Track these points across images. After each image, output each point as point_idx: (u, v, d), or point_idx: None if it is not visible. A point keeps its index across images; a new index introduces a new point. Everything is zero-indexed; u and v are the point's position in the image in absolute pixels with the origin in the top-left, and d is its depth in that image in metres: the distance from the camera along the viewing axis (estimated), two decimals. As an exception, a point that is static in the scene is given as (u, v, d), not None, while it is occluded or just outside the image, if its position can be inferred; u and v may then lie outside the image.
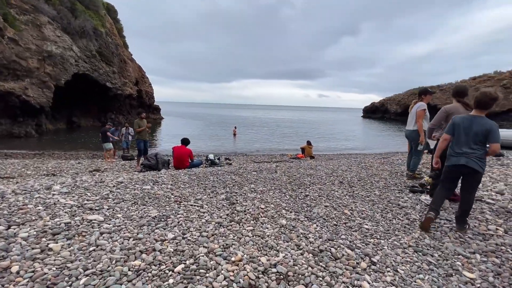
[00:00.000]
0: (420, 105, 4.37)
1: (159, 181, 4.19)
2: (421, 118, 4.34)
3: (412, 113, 4.51)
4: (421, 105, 4.37)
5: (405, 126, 4.77)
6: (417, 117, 4.36)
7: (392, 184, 4.47)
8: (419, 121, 4.35)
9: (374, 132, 32.08)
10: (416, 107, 4.41)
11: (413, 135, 4.51)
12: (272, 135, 24.77)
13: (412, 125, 4.50)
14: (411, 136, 4.58)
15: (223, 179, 4.50)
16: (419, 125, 4.35)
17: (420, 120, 4.34)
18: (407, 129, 4.67)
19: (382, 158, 7.15)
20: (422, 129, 4.35)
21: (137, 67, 38.29)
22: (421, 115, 4.34)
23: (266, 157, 11.72)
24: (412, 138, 4.55)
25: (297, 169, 5.66)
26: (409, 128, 4.57)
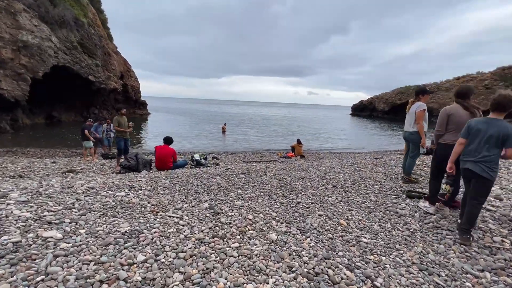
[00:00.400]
0: (419, 106, 4.14)
1: (136, 187, 3.77)
2: (421, 119, 4.11)
3: (410, 114, 4.27)
4: (420, 105, 4.14)
5: (404, 127, 4.54)
6: (417, 118, 4.13)
7: (388, 188, 4.24)
8: (420, 123, 4.11)
9: (363, 130, 32.39)
10: (415, 107, 4.17)
11: (412, 137, 4.29)
12: (262, 133, 24.46)
13: (411, 126, 4.27)
14: (410, 138, 4.35)
15: (208, 183, 4.13)
16: (420, 127, 4.12)
17: (420, 121, 4.11)
18: (405, 130, 4.44)
19: (374, 159, 6.96)
20: (423, 131, 4.13)
21: (122, 60, 36.87)
22: (421, 116, 4.10)
23: (256, 156, 11.39)
24: (412, 140, 4.32)
25: (288, 171, 5.36)
26: (408, 129, 4.34)
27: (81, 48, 24.49)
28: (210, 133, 21.62)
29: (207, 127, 26.77)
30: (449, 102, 37.18)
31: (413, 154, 4.37)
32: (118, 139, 6.77)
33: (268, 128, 28.71)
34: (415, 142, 4.26)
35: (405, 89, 63.68)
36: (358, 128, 34.72)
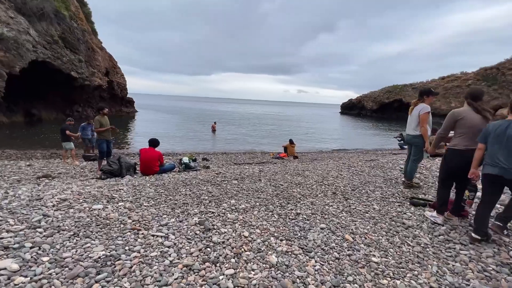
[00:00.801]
0: (423, 108, 3.90)
1: (116, 197, 3.35)
2: (425, 123, 3.88)
3: (413, 116, 4.04)
4: (424, 107, 3.90)
5: (406, 129, 4.32)
6: (421, 121, 3.90)
7: (390, 195, 4.01)
8: (424, 126, 3.89)
9: (353, 130, 32.64)
10: (419, 109, 3.93)
11: (415, 141, 4.06)
12: (253, 132, 24.11)
13: (414, 129, 4.04)
14: (412, 141, 4.13)
15: (198, 191, 3.76)
16: (424, 131, 3.89)
17: (424, 124, 3.89)
18: (408, 133, 4.22)
19: (370, 161, 6.76)
20: (427, 135, 3.91)
21: (108, 56, 35.52)
22: (425, 119, 3.88)
23: (247, 157, 11.05)
24: (415, 144, 4.10)
25: (283, 175, 5.05)
26: (411, 132, 4.11)
27: (63, 42, 23.30)
28: (200, 132, 21.09)
29: (197, 126, 26.17)
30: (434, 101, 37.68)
31: (415, 158, 4.15)
32: (100, 141, 6.26)
33: (259, 127, 28.40)
34: (418, 145, 4.04)
35: (393, 88, 64.89)
36: (348, 128, 34.98)
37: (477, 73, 58.12)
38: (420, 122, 3.91)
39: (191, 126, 25.38)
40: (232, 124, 29.84)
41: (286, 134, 22.89)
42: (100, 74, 30.15)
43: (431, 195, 4.03)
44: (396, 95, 61.89)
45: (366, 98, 68.15)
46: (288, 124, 33.30)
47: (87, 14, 32.84)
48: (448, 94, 56.38)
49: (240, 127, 27.18)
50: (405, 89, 62.47)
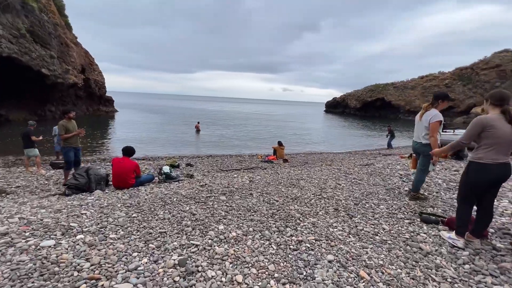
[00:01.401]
0: (435, 115, 3.49)
1: (75, 227, 2.69)
2: (436, 132, 3.50)
3: (422, 122, 3.64)
4: (436, 115, 3.50)
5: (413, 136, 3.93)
6: (431, 130, 3.50)
7: (396, 209, 3.61)
8: (434, 136, 3.50)
9: (340, 129, 32.86)
10: (430, 116, 3.52)
11: (424, 149, 3.68)
12: (240, 132, 23.50)
13: (423, 137, 3.65)
14: (421, 150, 3.74)
15: (179, 213, 3.16)
16: (434, 141, 3.50)
17: (435, 134, 3.50)
18: (415, 141, 3.83)
19: (366, 166, 6.41)
20: (437, 146, 3.53)
21: (84, 52, 33.52)
22: (436, 128, 3.48)
23: (235, 160, 10.47)
24: (423, 153, 3.72)
25: (277, 186, 4.55)
26: (418, 140, 3.73)
27: (31, 36, 21.49)
28: (184, 134, 20.18)
29: (181, 126, 25.16)
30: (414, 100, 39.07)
31: (423, 168, 3.78)
32: (66, 149, 5.44)
33: (246, 127, 27.80)
34: (427, 155, 3.66)
35: (375, 87, 66.49)
36: (335, 127, 35.20)
37: (453, 72, 60.71)
38: (430, 131, 3.52)
39: (174, 127, 24.35)
40: (217, 124, 29.05)
41: (273, 134, 22.49)
42: (75, 71, 28.29)
43: (440, 208, 3.68)
44: (379, 93, 63.44)
45: (350, 97, 69.38)
46: (275, 124, 32.89)
47: (59, 7, 30.71)
48: (426, 93, 58.46)
49: (226, 128, 26.46)
50: (387, 88, 64.17)
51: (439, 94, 3.66)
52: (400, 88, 62.76)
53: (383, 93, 62.75)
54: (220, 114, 47.25)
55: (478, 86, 54.48)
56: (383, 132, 26.71)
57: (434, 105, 3.61)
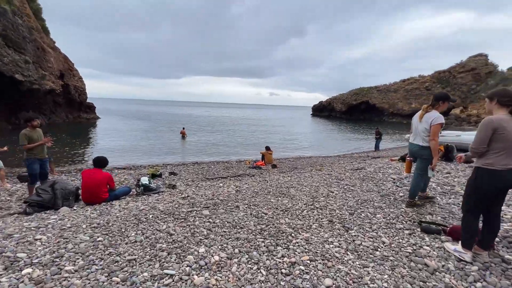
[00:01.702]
0: (436, 117, 3.28)
1: (22, 258, 2.22)
2: (437, 135, 3.28)
3: (422, 124, 3.41)
4: (438, 117, 3.28)
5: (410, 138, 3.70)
6: (432, 133, 3.28)
7: (394, 218, 3.36)
8: (435, 139, 3.28)
9: (328, 133, 33.12)
10: (431, 118, 3.29)
11: (422, 153, 3.45)
12: (227, 137, 23.06)
13: (422, 140, 3.43)
14: (419, 153, 3.51)
15: (154, 234, 2.75)
16: (434, 145, 3.29)
17: (436, 137, 3.28)
18: (413, 142, 3.60)
19: (357, 170, 6.20)
20: (437, 150, 3.32)
21: (62, 57, 32.16)
22: (437, 131, 3.27)
23: (221, 167, 10.05)
24: (421, 156, 3.50)
25: (265, 196, 4.20)
26: (417, 142, 3.49)
27: (4, 40, 20.32)
28: (169, 140, 19.50)
29: (166, 132, 24.39)
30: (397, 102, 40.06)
31: (421, 172, 3.55)
32: (30, 161, 4.86)
33: (233, 132, 27.38)
34: (426, 158, 3.44)
35: (360, 91, 68.07)
36: (322, 131, 35.48)
37: (432, 76, 63.23)
38: (431, 133, 3.31)
39: (159, 133, 23.56)
40: (204, 130, 28.47)
41: (261, 139, 22.21)
42: (53, 77, 27.01)
43: (438, 215, 3.46)
44: (363, 97, 64.93)
45: (335, 100, 70.56)
46: (263, 129, 32.59)
47: (36, 10, 29.41)
48: (408, 95, 60.49)
49: (213, 133, 25.95)
50: (371, 91, 65.83)
51: (440, 95, 3.46)
52: (383, 91, 64.56)
53: (368, 96, 64.28)
54: (207, 119, 46.60)
55: (455, 89, 56.92)
56: (369, 135, 27.11)
57: (435, 107, 3.41)
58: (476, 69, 56.37)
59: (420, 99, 58.74)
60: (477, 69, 56.25)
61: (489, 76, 54.57)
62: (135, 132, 24.00)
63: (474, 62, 57.59)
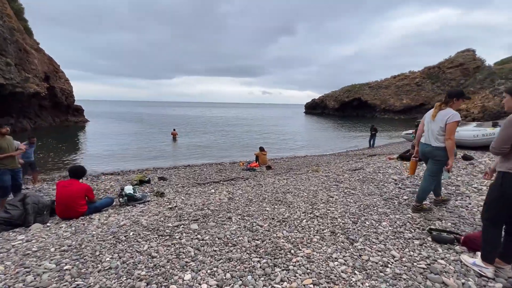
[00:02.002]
0: (453, 115, 3.00)
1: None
2: (453, 134, 3.02)
3: (437, 122, 3.14)
4: (454, 114, 3.01)
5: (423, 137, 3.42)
6: (448, 132, 3.01)
7: (401, 225, 3.07)
8: (452, 138, 3.01)
9: (322, 131, 33.04)
10: (446, 116, 3.02)
11: (436, 153, 3.17)
12: (220, 138, 22.62)
13: (435, 139, 3.16)
14: (432, 154, 3.23)
15: (132, 257, 2.38)
16: (451, 144, 3.02)
17: (452, 136, 3.01)
18: (425, 143, 3.31)
19: (355, 171, 5.92)
20: (453, 150, 3.05)
21: (47, 59, 31.08)
22: (453, 129, 3.00)
23: (214, 169, 9.67)
24: (434, 157, 3.22)
25: (260, 204, 3.87)
26: (432, 143, 3.20)
27: (-18, 42, 19.37)
28: (160, 143, 18.94)
29: (157, 134, 23.77)
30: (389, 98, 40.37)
31: (433, 175, 3.28)
32: (0, 172, 4.39)
33: (226, 133, 26.93)
34: (439, 159, 3.16)
35: (352, 88, 68.44)
36: (316, 129, 35.39)
37: (422, 71, 63.98)
38: (446, 132, 3.03)
39: (149, 135, 22.93)
40: (196, 131, 27.94)
41: (255, 139, 21.86)
42: (37, 79, 26.03)
43: (448, 220, 3.19)
44: (355, 94, 65.28)
45: (328, 98, 70.76)
46: (256, 128, 32.10)
47: (17, 10, 28.32)
48: (399, 91, 61.10)
49: (206, 134, 25.46)
50: (363, 88, 66.24)
51: (454, 91, 3.19)
52: (374, 87, 65.03)
53: (360, 93, 64.67)
54: (200, 119, 45.97)
55: (445, 84, 57.72)
56: (362, 132, 27.09)
57: (448, 104, 3.14)
58: (464, 64, 57.27)
59: (411, 95, 59.45)
60: (465, 64, 57.15)
61: (477, 71, 55.49)
62: (125, 135, 23.31)
63: (462, 58, 58.49)
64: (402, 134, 10.91)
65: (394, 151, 12.83)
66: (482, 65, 56.99)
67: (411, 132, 9.69)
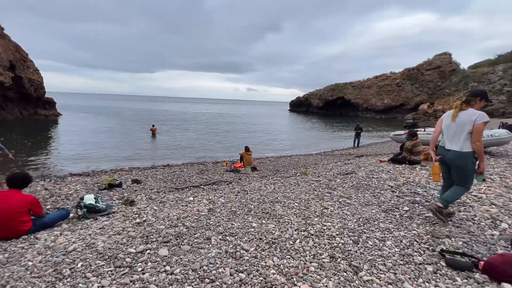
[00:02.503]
0: (480, 115, 2.68)
1: None
2: (481, 136, 2.69)
3: (459, 124, 2.79)
4: (482, 114, 2.69)
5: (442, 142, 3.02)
6: (475, 133, 2.68)
7: (408, 245, 2.66)
8: (480, 140, 2.69)
9: (307, 129, 33.03)
10: (473, 116, 2.70)
11: (461, 163, 2.82)
12: (203, 135, 21.78)
13: (459, 143, 2.79)
14: (457, 162, 2.86)
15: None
16: (480, 146, 2.70)
17: (480, 138, 2.69)
18: (449, 148, 2.92)
19: (348, 176, 5.52)
20: (483, 152, 2.71)
21: (14, 46, 28.51)
22: (481, 131, 2.69)
23: (196, 170, 9.00)
24: (459, 166, 2.86)
25: (245, 218, 3.33)
26: (455, 148, 2.83)
27: None
28: (139, 139, 17.82)
29: (136, 130, 22.48)
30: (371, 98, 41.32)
31: (466, 186, 2.93)
32: None
33: (210, 130, 26.07)
34: (466, 168, 2.81)
35: (336, 86, 69.43)
36: (301, 128, 35.37)
37: (402, 73, 66.05)
38: (474, 134, 2.67)
39: (127, 131, 21.62)
40: (178, 127, 26.84)
41: (240, 137, 21.26)
42: (0, 68, 23.72)
43: (458, 237, 2.82)
44: (339, 92, 66.24)
45: (312, 96, 71.34)
46: (241, 127, 31.22)
47: (-23, -9, 25.61)
48: (381, 91, 62.69)
49: (188, 130, 24.48)
50: (346, 87, 67.35)
51: (479, 91, 2.85)
52: (357, 87, 66.30)
53: (343, 92, 65.70)
54: (182, 116, 44.50)
55: (423, 85, 59.95)
56: (346, 131, 27.26)
57: (470, 103, 2.78)
58: (441, 66, 59.74)
59: (392, 95, 61.17)
60: (442, 67, 59.63)
61: (453, 74, 58.14)
62: (100, 130, 21.83)
63: (440, 60, 60.96)
64: (390, 135, 10.80)
65: (380, 151, 12.78)
66: (458, 68, 59.77)
67: (401, 133, 9.54)
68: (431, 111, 50.95)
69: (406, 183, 4.63)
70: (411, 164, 5.89)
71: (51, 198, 5.42)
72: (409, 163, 5.95)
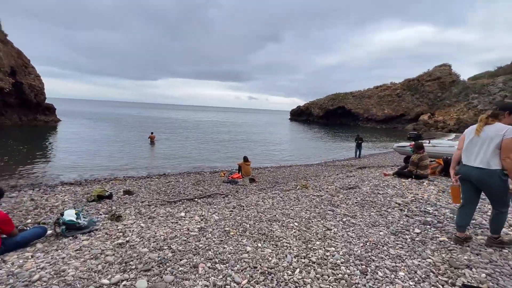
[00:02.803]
0: (509, 130, 2.41)
1: None
2: (511, 152, 2.38)
3: (484, 139, 2.53)
4: (510, 129, 2.40)
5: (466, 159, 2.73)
6: (505, 149, 2.41)
7: (424, 277, 2.31)
8: (510, 156, 2.38)
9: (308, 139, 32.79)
10: (502, 130, 2.45)
11: (491, 181, 2.54)
12: (201, 143, 21.49)
13: (485, 160, 2.52)
14: (487, 182, 2.57)
15: None
16: (510, 163, 2.38)
17: (510, 154, 2.38)
18: (476, 166, 2.61)
19: (351, 191, 5.18)
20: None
21: (16, 52, 28.66)
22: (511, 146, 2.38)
23: (192, 180, 8.66)
24: (489, 185, 2.57)
25: (239, 240, 3.00)
26: (481, 165, 2.55)
27: None
28: (137, 147, 17.52)
29: (135, 138, 22.20)
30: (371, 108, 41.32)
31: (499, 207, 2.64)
32: None
33: (210, 138, 25.77)
34: (496, 187, 2.51)
35: (336, 96, 69.59)
36: (302, 137, 35.12)
37: (403, 83, 66.34)
38: (503, 150, 2.40)
39: (125, 139, 21.35)
40: (178, 135, 26.59)
41: (239, 146, 20.95)
42: (1, 73, 23.73)
43: (480, 268, 2.48)
44: (339, 102, 66.33)
45: (313, 105, 71.44)
46: (242, 135, 30.80)
47: (-18, -2, 25.93)
48: (381, 101, 62.75)
49: (187, 139, 24.20)
50: (347, 97, 67.50)
51: (508, 105, 2.57)
52: (358, 97, 66.45)
53: (344, 102, 65.79)
54: (184, 123, 44.39)
55: (424, 96, 60.09)
56: (347, 141, 26.94)
57: (498, 117, 2.50)
58: (441, 78, 60.05)
59: (392, 105, 61.19)
60: (442, 78, 59.94)
61: (453, 85, 58.33)
62: (99, 137, 21.56)
63: (440, 72, 61.34)
64: (394, 147, 10.48)
65: (382, 162, 12.45)
66: (457, 79, 60.04)
67: (406, 144, 9.23)
68: (431, 121, 50.80)
69: (414, 200, 4.30)
70: (418, 178, 5.57)
71: (35, 210, 5.10)
72: (415, 177, 5.62)
